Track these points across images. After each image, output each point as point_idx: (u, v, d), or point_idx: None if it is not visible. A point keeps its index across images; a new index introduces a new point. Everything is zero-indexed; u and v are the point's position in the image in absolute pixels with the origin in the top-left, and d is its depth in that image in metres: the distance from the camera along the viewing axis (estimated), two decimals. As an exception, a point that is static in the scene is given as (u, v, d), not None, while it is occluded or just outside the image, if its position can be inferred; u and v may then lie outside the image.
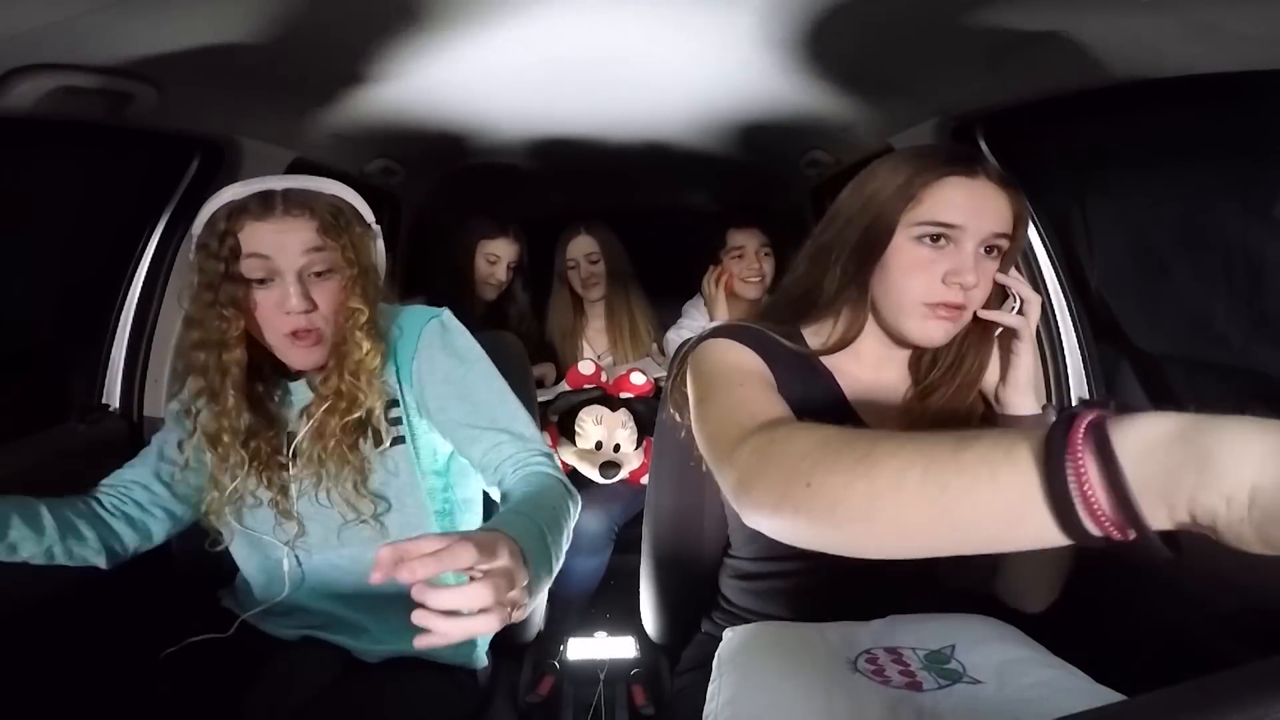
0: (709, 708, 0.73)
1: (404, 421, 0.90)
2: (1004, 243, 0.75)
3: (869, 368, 0.84)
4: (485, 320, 1.92)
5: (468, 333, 0.94)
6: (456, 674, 0.95)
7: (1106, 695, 0.64)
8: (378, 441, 0.89)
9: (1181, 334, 1.03)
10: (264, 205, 0.82)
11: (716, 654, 0.81)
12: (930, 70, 1.03)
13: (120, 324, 1.22)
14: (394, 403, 0.90)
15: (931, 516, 0.30)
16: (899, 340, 0.81)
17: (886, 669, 0.72)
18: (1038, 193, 1.21)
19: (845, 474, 0.34)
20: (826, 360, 0.83)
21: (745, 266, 1.85)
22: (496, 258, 1.91)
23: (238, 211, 0.82)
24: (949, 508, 0.29)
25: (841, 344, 0.81)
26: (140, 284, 1.23)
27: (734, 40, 0.99)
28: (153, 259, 1.23)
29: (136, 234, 1.22)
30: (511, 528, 0.65)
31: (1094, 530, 0.27)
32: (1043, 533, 0.27)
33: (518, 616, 0.59)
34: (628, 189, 2.17)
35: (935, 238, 0.73)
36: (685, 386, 0.79)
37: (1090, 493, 0.26)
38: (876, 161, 0.79)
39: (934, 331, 0.76)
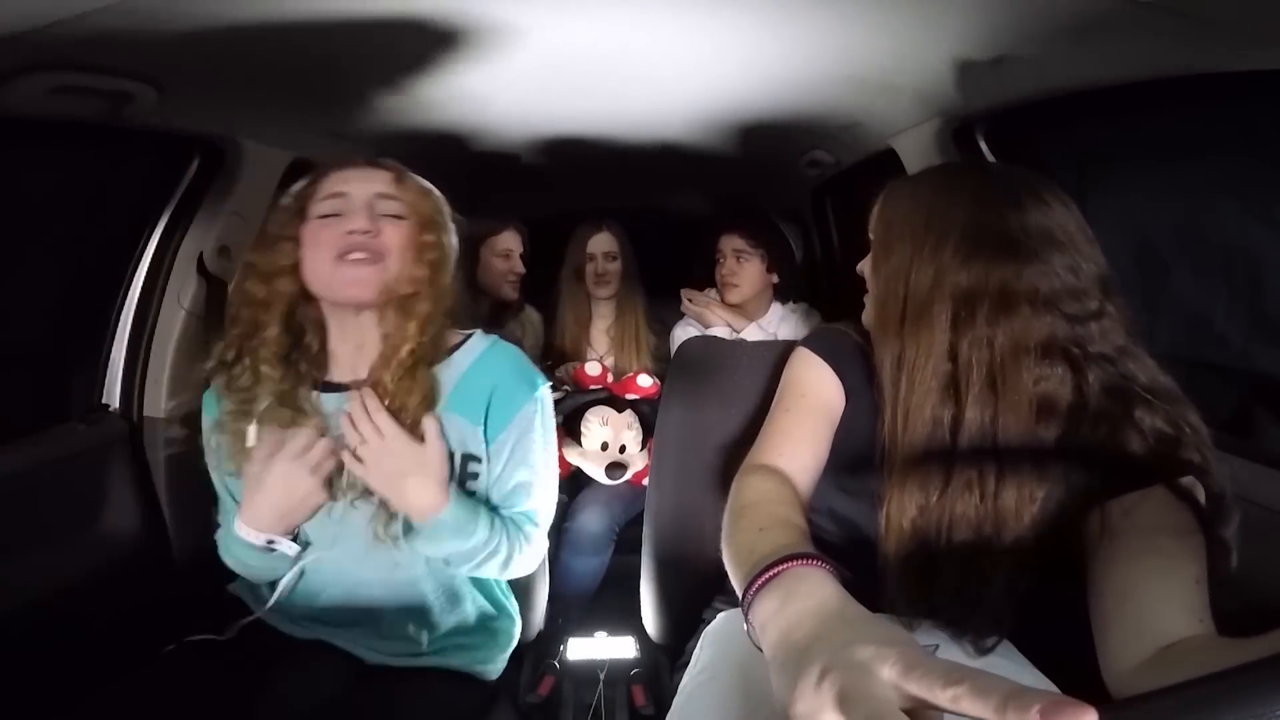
0: (686, 675, 0.74)
1: (480, 478, 0.91)
2: None
3: None
4: (491, 320, 1.89)
5: (552, 410, 0.97)
6: (464, 678, 0.94)
7: None
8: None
9: (1181, 334, 1.03)
10: (348, 159, 0.90)
11: (705, 630, 0.81)
12: (930, 70, 1.03)
13: (120, 324, 1.22)
14: (475, 458, 0.90)
15: (730, 564, 0.64)
16: None
17: None
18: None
19: (731, 520, 0.69)
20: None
21: (720, 270, 1.87)
22: (510, 251, 1.86)
23: (324, 166, 0.89)
24: (734, 570, 0.62)
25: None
26: (140, 284, 1.23)
27: (735, 40, 0.99)
28: (153, 259, 1.23)
29: (136, 234, 1.22)
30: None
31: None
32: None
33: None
34: (628, 189, 2.16)
35: None
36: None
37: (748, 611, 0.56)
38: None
39: None
